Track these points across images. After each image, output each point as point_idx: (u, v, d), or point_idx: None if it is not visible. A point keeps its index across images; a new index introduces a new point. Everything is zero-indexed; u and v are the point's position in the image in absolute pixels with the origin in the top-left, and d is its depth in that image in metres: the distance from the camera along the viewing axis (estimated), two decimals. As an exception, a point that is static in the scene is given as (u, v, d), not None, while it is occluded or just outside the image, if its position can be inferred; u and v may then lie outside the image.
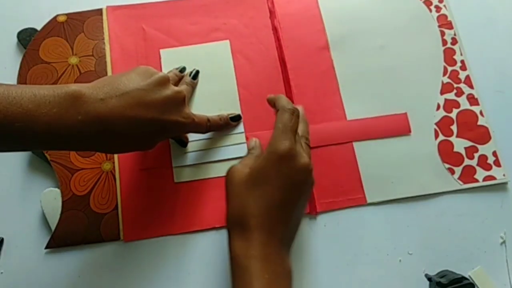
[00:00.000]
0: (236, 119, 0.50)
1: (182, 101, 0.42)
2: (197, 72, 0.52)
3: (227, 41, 0.54)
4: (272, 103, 0.44)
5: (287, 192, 0.38)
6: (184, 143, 0.48)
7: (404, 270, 0.46)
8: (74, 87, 0.35)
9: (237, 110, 0.51)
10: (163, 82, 0.40)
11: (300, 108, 0.43)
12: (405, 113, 0.52)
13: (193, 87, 0.51)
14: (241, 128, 0.50)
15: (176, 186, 0.48)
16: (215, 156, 0.49)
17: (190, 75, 0.51)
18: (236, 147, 0.49)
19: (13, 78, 0.52)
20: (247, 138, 0.50)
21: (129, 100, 0.37)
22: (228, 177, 0.40)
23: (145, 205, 0.48)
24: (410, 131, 0.51)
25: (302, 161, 0.38)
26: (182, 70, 0.52)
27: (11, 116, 0.32)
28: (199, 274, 0.46)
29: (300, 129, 0.43)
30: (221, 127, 0.50)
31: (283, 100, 0.43)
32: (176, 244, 0.47)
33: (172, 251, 0.46)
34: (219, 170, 0.48)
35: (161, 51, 0.53)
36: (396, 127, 0.52)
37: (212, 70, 0.53)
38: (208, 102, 0.47)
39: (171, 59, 0.53)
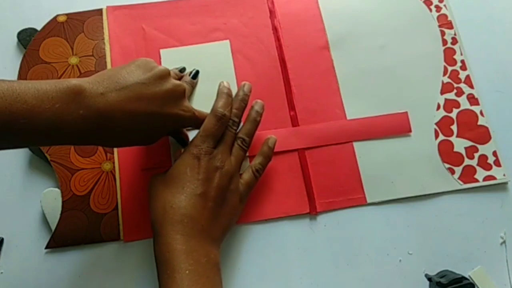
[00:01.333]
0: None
1: (182, 94, 0.42)
2: (197, 72, 0.52)
3: (227, 41, 0.54)
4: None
5: (208, 187, 0.41)
6: (184, 141, 0.48)
7: (404, 270, 0.46)
8: (74, 81, 0.35)
9: None
10: (164, 75, 0.40)
11: (257, 105, 0.47)
12: (406, 112, 0.52)
13: (192, 86, 0.51)
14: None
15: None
16: None
17: (190, 74, 0.51)
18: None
19: (13, 78, 0.52)
20: None
21: (129, 94, 0.37)
22: (149, 186, 0.42)
23: (145, 205, 0.47)
24: (410, 130, 0.51)
25: (224, 166, 0.42)
26: (182, 70, 0.52)
27: (16, 113, 0.32)
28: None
29: (243, 129, 0.46)
30: None
31: (219, 101, 0.44)
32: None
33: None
34: None
35: (161, 51, 0.53)
36: (396, 126, 0.52)
37: (212, 70, 0.53)
38: (208, 102, 0.46)
39: (171, 59, 0.53)
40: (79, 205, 0.47)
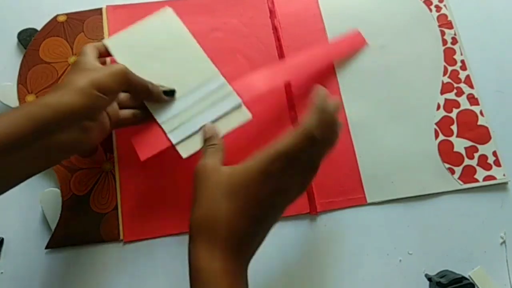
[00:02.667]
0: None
1: (86, 57, 0.41)
2: (172, 91, 0.46)
3: (169, 8, 0.50)
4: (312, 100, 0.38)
5: (267, 209, 0.35)
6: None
7: (404, 270, 0.46)
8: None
9: (212, 72, 0.47)
10: (80, 54, 0.42)
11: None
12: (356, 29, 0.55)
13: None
14: (220, 80, 0.47)
15: (176, 184, 0.48)
16: (210, 117, 0.45)
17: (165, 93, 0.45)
18: (227, 100, 0.46)
19: (13, 78, 0.52)
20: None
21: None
22: (200, 174, 0.36)
23: (145, 205, 0.48)
24: (366, 43, 0.54)
25: (292, 191, 0.36)
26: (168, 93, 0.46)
27: None
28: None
29: None
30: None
31: (315, 115, 0.36)
32: (176, 244, 0.47)
33: (172, 251, 0.46)
34: (220, 128, 0.44)
35: (104, 41, 0.47)
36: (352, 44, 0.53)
37: (167, 41, 0.48)
38: (180, 75, 0.45)
39: (120, 46, 0.47)
40: (79, 205, 0.47)
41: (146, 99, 0.45)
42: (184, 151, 0.44)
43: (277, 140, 0.35)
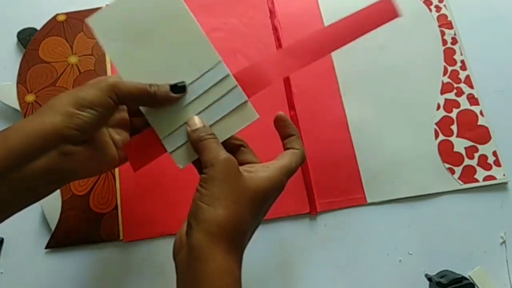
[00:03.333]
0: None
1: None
2: (183, 85, 0.38)
3: None
4: (286, 129, 0.39)
5: (263, 216, 0.36)
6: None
7: (404, 270, 0.46)
8: None
9: (214, 59, 0.39)
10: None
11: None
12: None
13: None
14: (223, 71, 0.38)
15: (176, 184, 0.48)
16: (212, 117, 0.38)
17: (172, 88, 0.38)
18: (230, 96, 0.38)
19: (13, 78, 0.51)
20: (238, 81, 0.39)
21: None
22: (228, 172, 0.33)
23: (145, 205, 0.48)
24: (398, 15, 0.46)
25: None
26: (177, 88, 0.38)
27: None
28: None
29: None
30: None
31: (301, 142, 0.39)
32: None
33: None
34: (222, 132, 0.38)
35: (87, 20, 0.39)
36: (381, 14, 0.47)
37: (161, 20, 0.39)
38: (176, 64, 0.38)
39: (104, 26, 0.39)
40: (78, 205, 0.47)
41: (150, 106, 0.38)
42: (181, 161, 0.38)
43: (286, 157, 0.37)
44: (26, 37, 0.54)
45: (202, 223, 0.31)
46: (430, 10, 0.58)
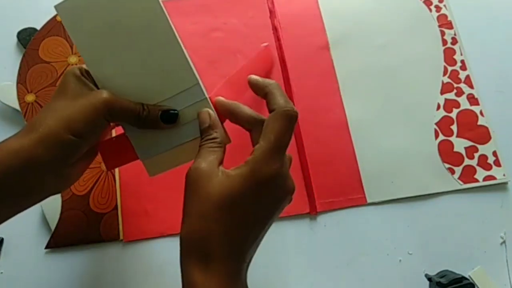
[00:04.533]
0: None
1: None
2: (175, 114, 0.36)
3: None
4: (260, 90, 0.34)
5: (268, 221, 0.32)
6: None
7: (404, 270, 0.46)
8: None
9: (191, 77, 0.36)
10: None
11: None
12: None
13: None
14: (200, 94, 0.36)
15: (176, 184, 0.48)
16: (185, 136, 0.36)
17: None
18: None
19: (13, 78, 0.51)
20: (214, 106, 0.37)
21: None
22: (191, 182, 0.31)
23: (145, 205, 0.48)
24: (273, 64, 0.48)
25: (290, 187, 0.32)
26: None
27: None
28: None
29: None
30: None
31: (281, 96, 0.33)
32: (176, 244, 0.46)
33: (172, 251, 0.46)
34: (187, 154, 0.37)
35: (56, 5, 0.35)
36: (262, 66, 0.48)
37: (139, 23, 0.35)
38: (151, 75, 0.35)
39: (74, 16, 0.35)
40: (78, 205, 0.47)
41: (133, 125, 0.36)
42: (152, 169, 0.38)
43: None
44: (26, 37, 0.54)
45: (180, 239, 0.31)
46: (430, 10, 0.58)
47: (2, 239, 0.46)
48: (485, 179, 0.50)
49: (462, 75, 0.54)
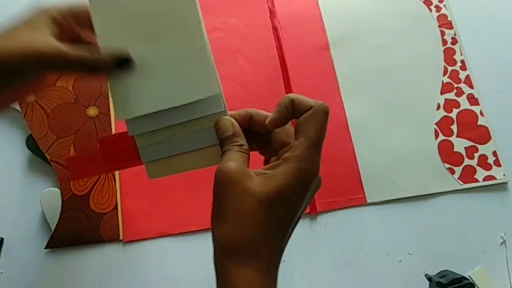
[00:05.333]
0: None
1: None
2: (127, 59, 0.32)
3: None
4: (286, 108, 0.33)
5: (299, 216, 0.32)
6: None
7: (404, 270, 0.46)
8: None
9: (211, 85, 0.33)
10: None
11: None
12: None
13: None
14: (219, 105, 0.34)
15: (176, 184, 0.48)
16: (196, 143, 0.34)
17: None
18: (210, 133, 0.34)
19: (13, 77, 0.51)
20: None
21: None
22: (225, 181, 0.30)
23: (145, 205, 0.48)
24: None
25: (321, 182, 0.32)
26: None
27: None
28: (199, 274, 0.46)
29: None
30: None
31: (307, 97, 0.33)
32: (176, 244, 0.47)
33: (172, 251, 0.46)
34: (202, 161, 0.35)
35: None
36: None
37: (166, 19, 0.33)
38: (169, 78, 0.33)
39: (104, 5, 0.33)
40: (78, 205, 0.47)
41: (87, 76, 0.34)
42: (152, 172, 0.35)
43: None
44: (26, 37, 0.54)
45: (214, 240, 0.30)
46: (430, 10, 0.58)
47: (2, 239, 0.46)
48: (485, 179, 0.50)
49: (462, 75, 0.54)
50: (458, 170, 0.50)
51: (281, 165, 0.30)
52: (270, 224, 0.29)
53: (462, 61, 0.55)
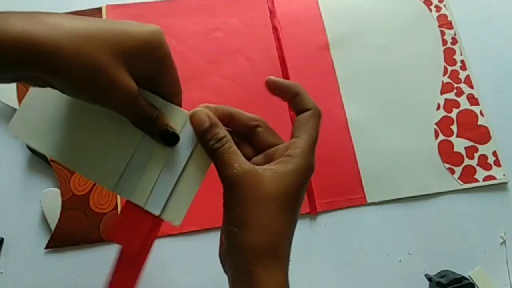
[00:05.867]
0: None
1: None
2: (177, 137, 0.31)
3: None
4: (291, 90, 0.34)
5: (300, 208, 0.32)
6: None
7: (404, 270, 0.46)
8: None
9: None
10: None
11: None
12: None
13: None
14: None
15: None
16: (175, 171, 0.32)
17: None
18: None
19: (13, 77, 0.51)
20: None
21: None
22: (241, 189, 0.29)
23: (145, 205, 0.47)
24: None
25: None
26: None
27: None
28: (199, 274, 0.46)
29: None
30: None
31: (309, 97, 0.34)
32: (176, 244, 0.47)
33: (172, 251, 0.46)
34: (198, 171, 0.33)
35: (8, 128, 0.32)
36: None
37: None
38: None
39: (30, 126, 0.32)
40: (78, 205, 0.47)
41: (134, 122, 0.31)
42: (176, 218, 0.32)
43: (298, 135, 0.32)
44: (26, 37, 0.54)
45: (238, 248, 0.29)
46: (430, 10, 0.58)
47: (2, 239, 0.46)
48: (485, 179, 0.50)
49: (462, 75, 0.54)
50: (458, 170, 0.50)
51: (289, 161, 0.30)
52: (287, 223, 0.30)
53: (462, 61, 0.55)
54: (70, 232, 0.46)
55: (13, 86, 0.51)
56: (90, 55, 0.26)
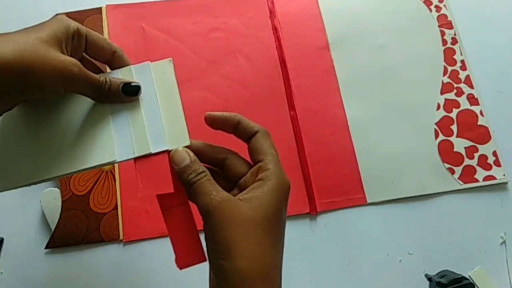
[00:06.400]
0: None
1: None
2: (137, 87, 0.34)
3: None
4: (231, 121, 0.33)
5: (284, 223, 0.32)
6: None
7: (404, 270, 0.46)
8: None
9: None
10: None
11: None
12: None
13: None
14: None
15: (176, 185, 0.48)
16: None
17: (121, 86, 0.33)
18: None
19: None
20: None
21: None
22: (223, 217, 0.29)
23: (145, 205, 0.48)
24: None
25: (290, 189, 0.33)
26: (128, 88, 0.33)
27: None
28: (198, 274, 0.46)
29: None
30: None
31: (248, 120, 0.34)
32: (176, 244, 0.47)
33: (172, 251, 0.46)
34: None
35: None
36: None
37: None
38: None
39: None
40: (78, 205, 0.47)
41: (95, 99, 0.33)
42: (182, 139, 0.34)
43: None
44: (26, 37, 0.54)
45: (226, 280, 0.28)
46: (430, 10, 0.58)
47: (2, 239, 0.46)
48: (485, 179, 0.50)
49: (462, 75, 0.54)
50: (458, 170, 0.50)
51: (263, 185, 0.31)
52: (274, 242, 0.30)
53: (462, 61, 0.55)
54: (70, 232, 0.46)
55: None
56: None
